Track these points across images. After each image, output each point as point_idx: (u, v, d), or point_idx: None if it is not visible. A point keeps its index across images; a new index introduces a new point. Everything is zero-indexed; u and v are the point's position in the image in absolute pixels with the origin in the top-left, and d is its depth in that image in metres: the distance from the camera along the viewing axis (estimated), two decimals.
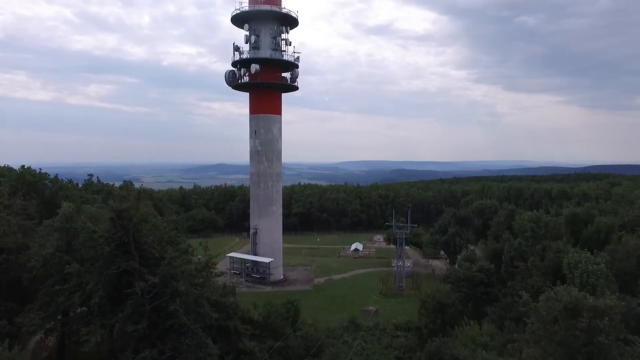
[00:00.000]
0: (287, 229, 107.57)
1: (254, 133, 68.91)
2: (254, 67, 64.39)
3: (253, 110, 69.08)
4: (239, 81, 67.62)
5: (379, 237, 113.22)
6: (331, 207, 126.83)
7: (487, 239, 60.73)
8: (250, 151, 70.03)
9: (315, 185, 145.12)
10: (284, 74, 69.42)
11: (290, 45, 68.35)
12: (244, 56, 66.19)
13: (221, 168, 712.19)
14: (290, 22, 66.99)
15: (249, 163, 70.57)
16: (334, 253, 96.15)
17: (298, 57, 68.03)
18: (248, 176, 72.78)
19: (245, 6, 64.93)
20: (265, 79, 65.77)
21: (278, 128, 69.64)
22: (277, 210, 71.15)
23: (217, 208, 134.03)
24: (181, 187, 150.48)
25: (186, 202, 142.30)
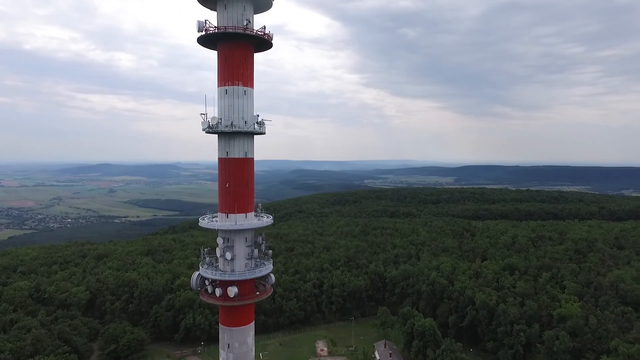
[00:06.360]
0: None
1: (226, 346, 62.32)
2: (233, 291, 57.87)
3: (225, 321, 62.06)
4: (214, 293, 60.10)
5: (322, 348, 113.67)
6: (267, 306, 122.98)
7: None
8: None
9: None
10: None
11: (264, 241, 63.19)
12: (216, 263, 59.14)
13: (105, 168, 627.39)
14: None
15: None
16: None
17: (271, 259, 63.57)
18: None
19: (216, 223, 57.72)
20: (242, 297, 59.67)
21: (252, 336, 64.00)
22: None
23: (139, 312, 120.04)
24: (88, 286, 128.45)
25: (98, 304, 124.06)
